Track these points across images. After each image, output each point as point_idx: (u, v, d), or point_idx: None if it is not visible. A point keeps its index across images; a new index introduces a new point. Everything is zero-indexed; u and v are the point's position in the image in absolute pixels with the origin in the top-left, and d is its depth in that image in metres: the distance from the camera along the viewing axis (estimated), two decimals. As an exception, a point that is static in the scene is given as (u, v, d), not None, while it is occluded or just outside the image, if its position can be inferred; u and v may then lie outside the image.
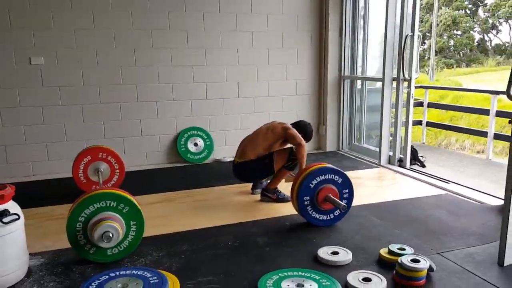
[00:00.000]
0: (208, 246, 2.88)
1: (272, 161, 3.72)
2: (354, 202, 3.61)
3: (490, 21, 25.58)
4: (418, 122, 6.91)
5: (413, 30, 4.47)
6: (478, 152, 9.67)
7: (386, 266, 2.58)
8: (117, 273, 2.34)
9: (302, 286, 2.32)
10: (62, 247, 2.85)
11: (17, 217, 2.43)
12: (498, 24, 25.48)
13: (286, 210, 3.51)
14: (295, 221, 3.30)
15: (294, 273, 2.46)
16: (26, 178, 4.67)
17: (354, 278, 2.42)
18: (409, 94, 4.60)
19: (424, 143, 6.81)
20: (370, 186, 4.29)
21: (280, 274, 2.44)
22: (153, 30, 4.94)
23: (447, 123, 9.00)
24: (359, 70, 5.62)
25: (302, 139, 3.65)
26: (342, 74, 5.62)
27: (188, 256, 2.75)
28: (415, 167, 4.84)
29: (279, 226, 3.24)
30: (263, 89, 5.49)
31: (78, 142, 4.80)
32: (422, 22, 27.99)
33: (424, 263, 2.42)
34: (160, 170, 4.97)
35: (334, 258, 2.64)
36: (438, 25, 25.82)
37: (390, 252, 2.65)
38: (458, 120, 13.23)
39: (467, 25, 26.05)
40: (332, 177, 3.20)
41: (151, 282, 2.24)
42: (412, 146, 4.96)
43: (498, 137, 6.03)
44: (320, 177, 3.17)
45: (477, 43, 26.42)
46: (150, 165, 5.15)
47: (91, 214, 2.64)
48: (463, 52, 26.73)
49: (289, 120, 4.15)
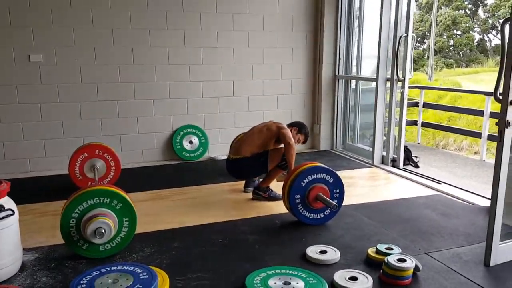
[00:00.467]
0: (198, 243, 2.93)
1: (267, 159, 3.76)
2: (345, 201, 3.66)
3: (490, 21, 25.60)
4: (414, 122, 6.95)
5: (407, 31, 4.51)
6: (475, 153, 9.70)
7: (373, 265, 2.62)
8: (108, 268, 2.38)
9: (289, 284, 2.36)
10: (56, 243, 2.90)
11: (11, 212, 2.48)
12: (498, 24, 25.48)
13: (277, 208, 3.56)
14: (286, 219, 3.35)
15: (282, 271, 2.50)
16: (23, 174, 4.72)
17: (340, 277, 2.46)
18: (402, 94, 4.64)
19: (419, 143, 6.85)
20: (362, 186, 4.34)
21: (267, 272, 2.48)
22: (151, 30, 4.98)
23: (443, 124, 9.02)
24: (354, 70, 5.67)
25: (292, 139, 3.68)
26: (337, 73, 5.67)
27: (178, 252, 2.80)
28: (409, 167, 4.88)
29: (270, 225, 3.29)
30: (258, 88, 5.54)
31: (76, 139, 4.85)
32: (422, 21, 27.99)
33: (410, 263, 2.47)
34: (155, 168, 5.02)
35: (322, 257, 2.69)
36: (438, 24, 25.82)
37: (378, 251, 2.69)
38: (456, 120, 13.25)
39: (467, 25, 26.06)
40: (323, 176, 3.24)
41: (141, 278, 2.28)
42: (405, 146, 5.01)
43: (493, 138, 6.07)
44: (311, 176, 3.22)
45: (476, 43, 26.44)
46: (146, 162, 5.20)
47: (85, 210, 2.69)
48: (463, 52, 26.74)
49: (283, 118, 4.19)
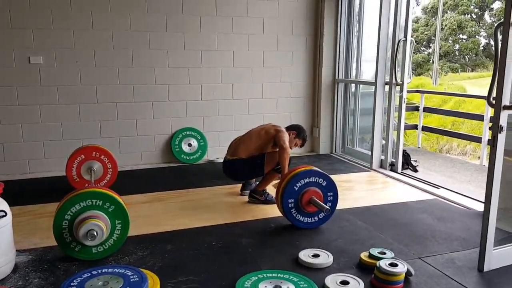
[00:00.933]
0: (192, 246, 2.93)
1: (263, 162, 3.76)
2: (341, 205, 3.66)
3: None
4: (415, 127, 6.93)
5: (406, 35, 4.50)
6: (479, 157, 9.65)
7: (366, 269, 2.61)
8: (99, 271, 2.38)
9: (280, 287, 2.36)
10: (50, 245, 2.91)
11: (4, 214, 2.49)
12: (504, 29, 25.27)
13: (272, 212, 3.55)
14: (280, 223, 3.34)
15: (273, 274, 2.50)
16: (22, 175, 4.74)
17: (332, 281, 2.46)
18: (401, 98, 4.63)
19: (419, 148, 6.82)
20: (360, 190, 4.32)
21: (259, 275, 2.48)
22: (150, 32, 5.01)
23: (444, 128, 8.98)
24: (354, 73, 5.67)
25: (287, 143, 3.66)
26: (336, 77, 5.67)
27: (171, 255, 2.80)
28: (407, 172, 4.86)
29: (264, 228, 3.29)
30: (258, 91, 5.55)
31: (75, 141, 4.87)
32: (427, 25, 27.94)
33: (401, 267, 2.45)
34: (153, 170, 5.03)
35: (314, 261, 2.68)
36: (443, 29, 25.75)
37: (371, 256, 2.68)
38: (459, 125, 13.18)
39: (473, 29, 25.96)
40: (316, 179, 3.24)
41: (131, 280, 2.28)
42: (404, 151, 4.99)
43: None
44: (304, 179, 3.21)
45: (482, 48, 26.31)
46: (145, 164, 5.22)
47: (77, 212, 2.70)
48: (468, 56, 26.63)
49: (283, 122, 4.19)
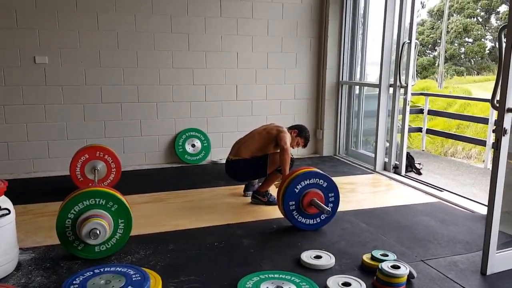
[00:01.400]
0: (194, 246, 2.94)
1: (266, 162, 3.76)
2: (344, 207, 3.66)
3: (502, 29, 25.32)
4: (419, 129, 6.91)
5: (410, 38, 4.49)
6: (484, 161, 9.61)
7: (368, 271, 2.61)
8: (101, 269, 2.39)
9: (281, 288, 2.36)
10: (53, 243, 2.92)
11: (7, 212, 2.51)
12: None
13: (275, 213, 3.54)
14: (282, 224, 3.34)
15: (275, 275, 2.50)
16: (26, 174, 4.77)
17: (334, 282, 2.46)
18: (405, 100, 4.62)
19: (423, 150, 6.80)
20: (363, 192, 4.31)
21: (260, 276, 2.48)
22: (155, 33, 5.03)
23: (449, 131, 8.95)
24: (358, 76, 5.66)
25: (288, 144, 3.65)
26: (340, 79, 5.66)
27: (173, 255, 2.81)
28: (411, 174, 4.85)
29: (266, 229, 3.29)
30: (261, 92, 5.56)
31: (79, 140, 4.90)
32: (433, 28, 27.88)
33: (403, 270, 2.45)
34: (157, 170, 5.04)
35: (316, 262, 2.68)
36: (449, 32, 25.69)
37: (373, 258, 2.68)
38: (464, 128, 13.14)
39: (479, 32, 25.88)
40: (317, 181, 3.24)
41: (134, 279, 2.29)
42: (408, 153, 4.98)
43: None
44: (304, 181, 3.21)
45: (488, 51, 26.22)
46: (148, 165, 5.23)
47: (80, 211, 2.71)
48: (474, 59, 26.54)
49: (286, 123, 4.18)
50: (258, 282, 2.41)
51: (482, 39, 26.27)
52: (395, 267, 2.45)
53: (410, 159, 5.03)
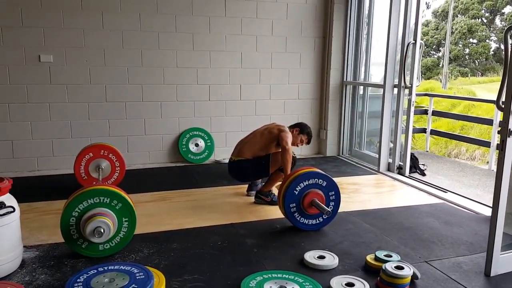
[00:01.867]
0: (197, 245, 2.94)
1: (268, 162, 3.76)
2: (348, 208, 3.67)
3: (507, 30, 25.21)
4: (423, 130, 6.90)
5: (415, 38, 4.48)
6: (488, 162, 9.56)
7: (371, 272, 2.60)
8: (105, 267, 2.40)
9: (284, 288, 2.36)
10: (57, 241, 2.94)
11: (12, 209, 2.52)
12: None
13: (278, 213, 3.52)
14: (285, 224, 3.34)
15: (278, 275, 2.50)
16: (31, 173, 4.79)
17: (337, 282, 2.45)
18: (410, 101, 4.61)
19: (427, 151, 6.78)
20: (367, 193, 4.31)
21: (264, 276, 2.48)
22: (160, 32, 5.04)
23: (453, 133, 8.91)
24: (362, 76, 5.65)
25: (289, 144, 3.65)
26: (345, 79, 5.66)
27: (177, 254, 2.81)
28: (415, 175, 4.84)
29: (269, 229, 3.29)
30: (265, 92, 5.56)
31: (83, 139, 4.92)
32: (437, 29, 27.80)
33: (407, 270, 2.44)
34: (160, 170, 5.05)
35: (319, 262, 2.68)
36: (453, 33, 25.61)
37: (377, 258, 2.67)
38: (469, 129, 13.09)
39: (483, 33, 25.78)
40: (316, 181, 3.23)
41: (137, 278, 2.30)
42: (412, 154, 4.97)
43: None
44: (304, 182, 3.20)
45: (493, 52, 26.11)
46: (152, 164, 5.24)
47: (85, 209, 2.72)
48: (479, 61, 26.44)
49: (290, 124, 4.17)
50: (261, 281, 2.41)
51: (487, 40, 26.16)
52: (399, 268, 2.44)
53: (414, 160, 5.02)
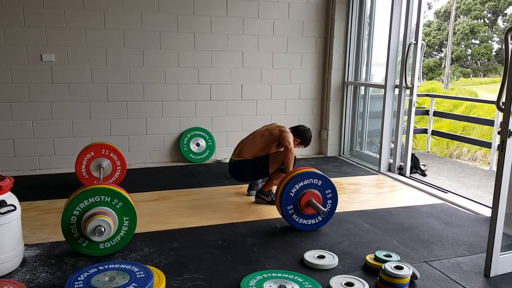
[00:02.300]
0: (197, 245, 2.95)
1: (268, 162, 3.77)
2: (348, 207, 3.67)
3: (509, 31, 25.18)
4: (424, 131, 6.90)
5: (416, 38, 4.48)
6: (489, 163, 9.55)
7: (371, 272, 2.61)
8: (106, 266, 2.42)
9: (284, 287, 2.37)
10: (58, 240, 2.96)
11: (13, 208, 2.53)
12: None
13: (278, 212, 3.54)
14: (286, 223, 3.34)
15: (278, 274, 2.51)
16: (32, 171, 4.80)
17: (336, 282, 2.46)
18: (411, 101, 4.61)
19: (428, 152, 6.78)
20: (367, 193, 4.31)
21: (264, 275, 2.49)
22: (161, 32, 5.05)
23: (454, 133, 8.91)
24: (364, 76, 5.66)
25: (292, 143, 3.67)
26: (346, 80, 5.66)
27: (177, 253, 2.82)
28: (415, 176, 4.84)
29: (269, 228, 3.30)
30: (266, 92, 5.57)
31: (84, 138, 4.93)
32: (439, 30, 27.78)
33: (407, 270, 2.45)
34: (162, 169, 5.06)
35: (319, 262, 2.69)
36: (455, 33, 25.58)
37: (376, 258, 2.68)
38: (470, 130, 13.08)
39: (486, 34, 25.76)
40: (311, 181, 3.23)
41: (138, 276, 2.31)
42: (413, 154, 4.97)
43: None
44: (299, 184, 3.20)
45: (495, 53, 26.08)
46: (153, 163, 5.25)
47: (86, 208, 2.73)
48: (481, 61, 26.42)
49: (291, 124, 4.18)
50: (261, 281, 2.42)
51: (489, 41, 26.14)
52: (398, 268, 2.45)
53: (415, 161, 5.02)
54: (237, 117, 5.50)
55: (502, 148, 2.43)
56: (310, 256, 2.76)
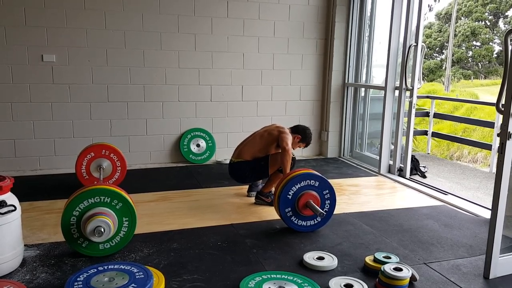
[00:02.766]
0: (197, 246, 2.95)
1: (267, 163, 3.77)
2: (348, 209, 3.68)
3: (510, 33, 25.19)
4: (425, 132, 6.90)
5: (417, 40, 4.49)
6: (489, 165, 9.55)
7: (370, 273, 2.61)
8: (105, 267, 2.42)
9: (283, 288, 2.37)
10: (58, 240, 2.96)
11: (13, 208, 2.53)
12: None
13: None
14: (285, 225, 3.33)
15: (277, 275, 2.51)
16: (32, 172, 4.81)
17: (336, 283, 2.46)
18: (411, 103, 4.62)
19: (429, 154, 6.78)
20: (367, 194, 4.31)
21: (263, 276, 2.49)
22: (162, 33, 5.05)
23: (454, 135, 8.92)
24: (364, 78, 5.66)
25: (289, 145, 3.67)
26: (346, 81, 5.66)
27: (177, 254, 2.83)
28: (415, 177, 4.84)
29: (269, 229, 3.30)
30: (267, 93, 5.57)
31: (85, 139, 4.94)
32: (440, 32, 27.79)
33: (406, 272, 2.45)
34: (162, 170, 5.06)
35: (319, 263, 2.69)
36: (456, 35, 25.59)
37: (376, 260, 2.68)
38: (471, 132, 13.07)
39: (487, 36, 25.76)
40: (307, 182, 3.22)
41: (137, 277, 2.31)
42: (413, 156, 4.97)
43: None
44: (296, 186, 3.20)
45: (496, 55, 26.08)
46: (154, 164, 5.26)
47: (85, 208, 2.74)
48: (482, 63, 26.42)
49: (291, 125, 4.17)
50: (261, 282, 2.42)
51: (490, 43, 26.14)
52: (398, 270, 2.45)
53: (415, 162, 5.03)
54: (237, 118, 5.50)
55: (501, 150, 2.43)
56: (310, 257, 2.76)
